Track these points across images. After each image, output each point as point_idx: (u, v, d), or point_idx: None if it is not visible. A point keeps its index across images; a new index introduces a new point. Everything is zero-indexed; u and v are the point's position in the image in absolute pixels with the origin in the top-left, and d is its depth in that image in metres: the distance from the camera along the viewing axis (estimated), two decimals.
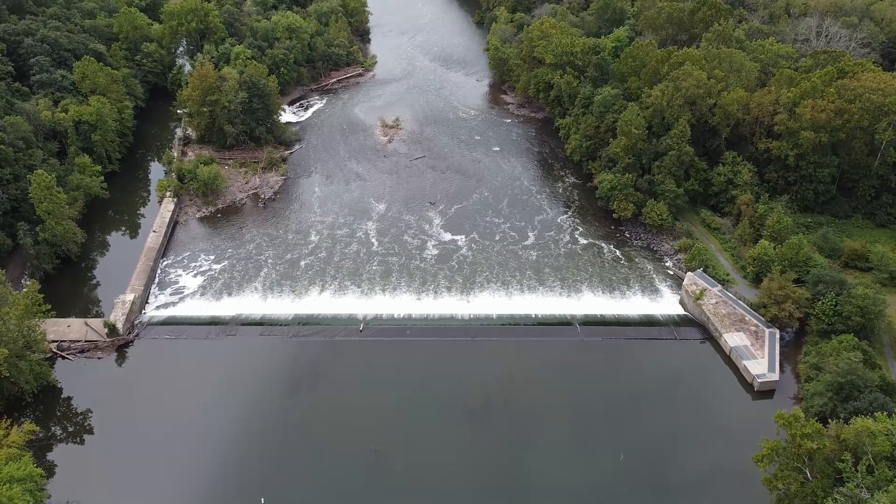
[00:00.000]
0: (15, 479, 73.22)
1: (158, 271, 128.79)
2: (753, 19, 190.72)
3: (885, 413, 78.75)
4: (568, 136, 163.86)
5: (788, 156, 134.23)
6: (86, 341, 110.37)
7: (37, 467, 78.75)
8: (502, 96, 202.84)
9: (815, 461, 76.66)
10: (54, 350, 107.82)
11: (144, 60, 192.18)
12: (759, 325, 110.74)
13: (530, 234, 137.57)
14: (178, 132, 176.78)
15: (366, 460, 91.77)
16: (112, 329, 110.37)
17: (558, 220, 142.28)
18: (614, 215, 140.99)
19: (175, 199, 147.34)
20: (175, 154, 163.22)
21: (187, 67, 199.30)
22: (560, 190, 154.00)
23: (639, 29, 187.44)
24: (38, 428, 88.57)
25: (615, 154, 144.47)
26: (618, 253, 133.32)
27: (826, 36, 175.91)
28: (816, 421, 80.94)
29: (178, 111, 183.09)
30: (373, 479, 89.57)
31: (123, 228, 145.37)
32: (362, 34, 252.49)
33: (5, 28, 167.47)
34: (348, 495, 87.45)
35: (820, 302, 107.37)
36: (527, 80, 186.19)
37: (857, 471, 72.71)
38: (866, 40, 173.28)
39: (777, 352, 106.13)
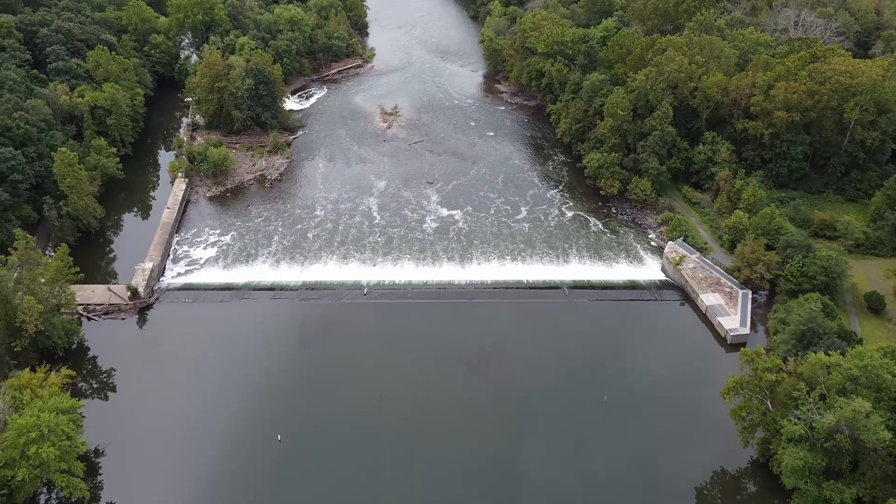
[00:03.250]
0: (60, 410, 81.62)
1: (173, 245, 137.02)
2: (736, 11, 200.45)
3: (838, 352, 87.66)
4: (559, 120, 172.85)
5: (764, 134, 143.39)
6: (109, 304, 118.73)
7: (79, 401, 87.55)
8: (496, 86, 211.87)
9: (775, 394, 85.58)
10: (81, 312, 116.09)
11: (152, 51, 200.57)
12: (734, 286, 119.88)
13: (523, 208, 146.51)
14: (186, 120, 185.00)
15: (371, 404, 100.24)
16: (134, 293, 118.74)
17: (548, 195, 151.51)
18: (602, 192, 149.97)
19: (186, 180, 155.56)
20: (185, 139, 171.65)
21: (194, 58, 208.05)
22: (550, 168, 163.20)
23: (626, 20, 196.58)
24: (74, 373, 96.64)
25: (602, 135, 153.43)
26: (604, 226, 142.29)
27: (803, 26, 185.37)
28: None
29: (186, 99, 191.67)
30: (377, 421, 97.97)
31: (138, 207, 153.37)
32: (361, 28, 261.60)
33: (22, 18, 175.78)
34: (355, 434, 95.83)
35: (788, 264, 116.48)
36: (520, 70, 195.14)
37: (810, 397, 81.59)
38: (841, 29, 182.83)
39: (749, 309, 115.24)
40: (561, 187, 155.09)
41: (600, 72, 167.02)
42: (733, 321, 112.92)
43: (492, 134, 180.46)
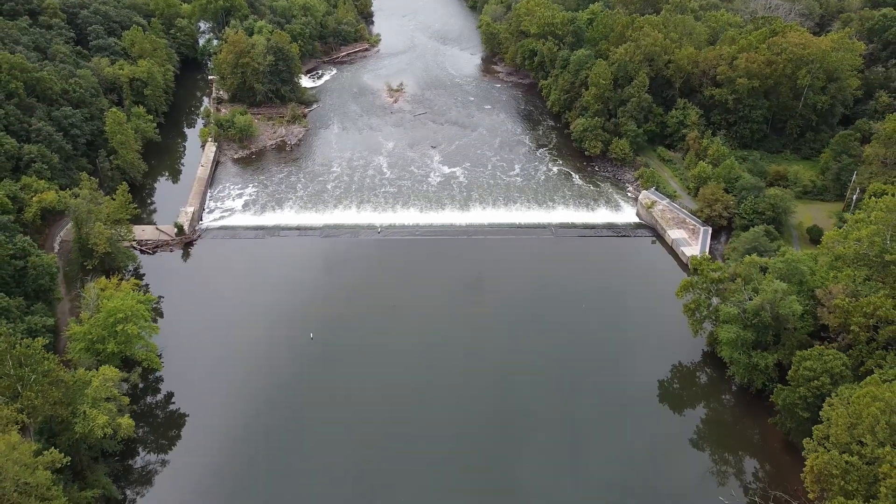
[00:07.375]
0: (140, 301, 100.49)
1: (208, 198, 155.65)
2: None
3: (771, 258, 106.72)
4: (549, 93, 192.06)
5: (728, 100, 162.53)
6: (159, 240, 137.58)
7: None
8: (493, 66, 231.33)
9: (720, 292, 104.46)
10: (135, 245, 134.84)
11: (178, 34, 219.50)
12: (696, 224, 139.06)
13: (516, 165, 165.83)
14: (207, 99, 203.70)
15: (385, 313, 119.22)
16: (180, 229, 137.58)
17: (538, 154, 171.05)
18: (586, 153, 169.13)
19: (216, 144, 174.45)
20: (212, 110, 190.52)
21: (215, 42, 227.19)
22: (541, 133, 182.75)
23: (612, 4, 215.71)
24: (140, 282, 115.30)
25: (587, 102, 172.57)
26: (588, 180, 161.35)
27: (770, 8, 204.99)
28: None
29: (210, 78, 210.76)
30: (390, 325, 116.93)
31: (172, 167, 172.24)
32: (366, 16, 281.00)
33: (64, 1, 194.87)
34: (371, 334, 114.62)
35: (743, 203, 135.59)
36: (515, 50, 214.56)
37: (745, 289, 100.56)
38: (804, 11, 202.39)
39: (708, 241, 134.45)
40: (550, 147, 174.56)
41: (586, 48, 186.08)
42: (694, 250, 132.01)
43: (489, 107, 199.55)
